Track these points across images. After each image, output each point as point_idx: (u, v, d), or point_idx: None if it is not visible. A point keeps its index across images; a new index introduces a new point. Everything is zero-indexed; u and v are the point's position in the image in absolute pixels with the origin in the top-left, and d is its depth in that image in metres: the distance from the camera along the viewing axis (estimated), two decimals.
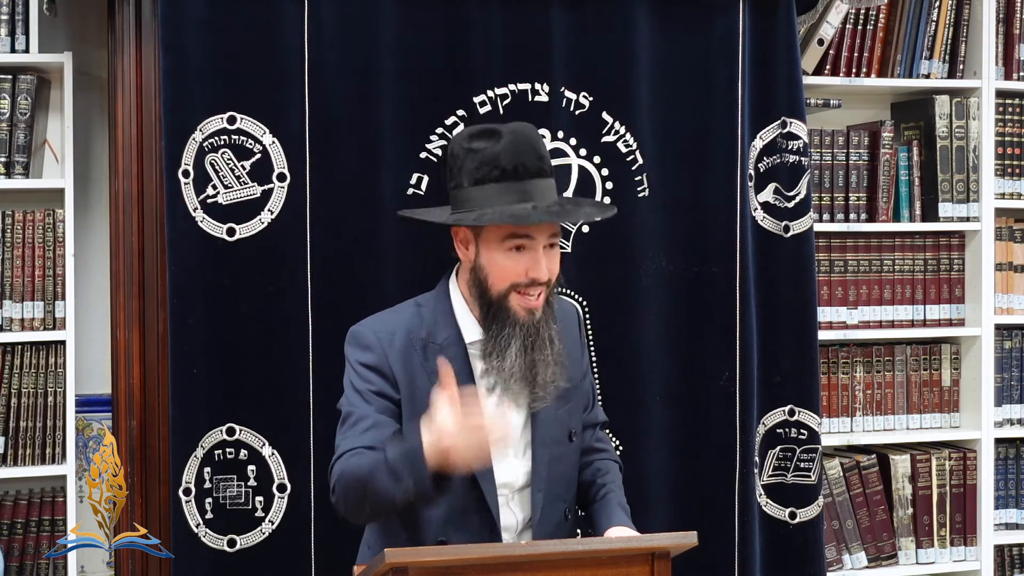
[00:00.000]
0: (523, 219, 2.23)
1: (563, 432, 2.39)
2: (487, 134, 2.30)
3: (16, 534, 3.20)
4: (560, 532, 2.38)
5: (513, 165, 2.26)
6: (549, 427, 2.35)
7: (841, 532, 3.58)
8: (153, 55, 2.89)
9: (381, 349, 2.30)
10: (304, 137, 2.88)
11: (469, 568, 2.04)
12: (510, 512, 2.34)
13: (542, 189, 2.28)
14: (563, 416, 2.39)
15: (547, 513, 2.34)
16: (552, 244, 2.31)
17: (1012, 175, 3.72)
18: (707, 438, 3.14)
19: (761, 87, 3.18)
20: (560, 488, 2.38)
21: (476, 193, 2.27)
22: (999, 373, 3.72)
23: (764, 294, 3.20)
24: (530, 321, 2.28)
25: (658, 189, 3.10)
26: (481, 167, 2.27)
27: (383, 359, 2.30)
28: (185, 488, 2.82)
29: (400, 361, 2.30)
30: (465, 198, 2.29)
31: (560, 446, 2.38)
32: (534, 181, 2.27)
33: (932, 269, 3.69)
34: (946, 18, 3.67)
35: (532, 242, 2.27)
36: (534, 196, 2.26)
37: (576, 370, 2.43)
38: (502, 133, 2.28)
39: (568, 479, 2.41)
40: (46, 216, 3.17)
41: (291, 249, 2.87)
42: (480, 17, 2.97)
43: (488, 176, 2.26)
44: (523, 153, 2.27)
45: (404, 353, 2.30)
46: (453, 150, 2.34)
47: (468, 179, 2.28)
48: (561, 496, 2.38)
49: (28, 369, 3.17)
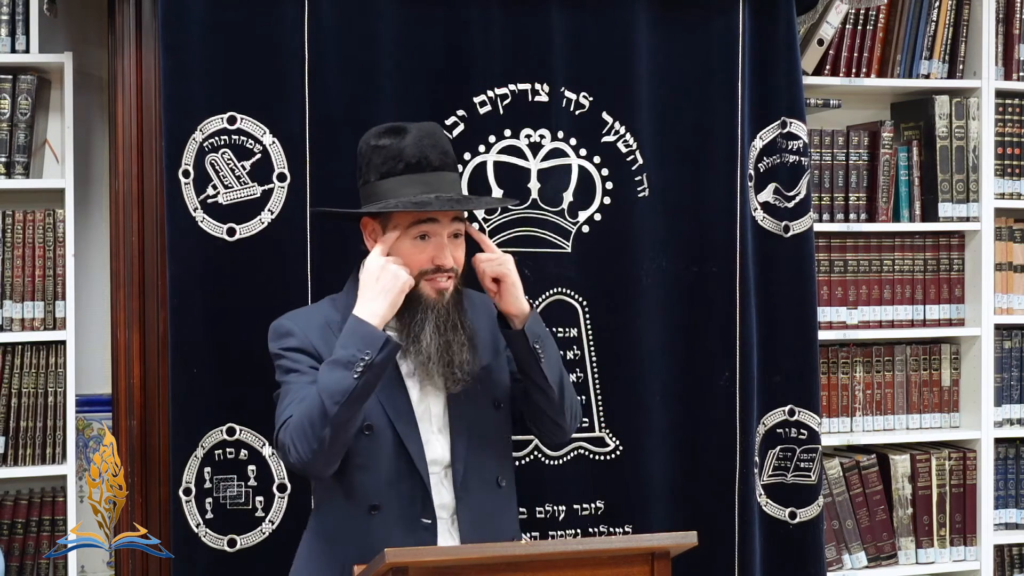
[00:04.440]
0: (425, 205, 2.34)
1: (486, 402, 2.46)
2: (393, 132, 2.43)
3: (16, 534, 3.20)
4: (493, 500, 2.44)
5: (417, 159, 2.38)
6: (467, 402, 2.43)
7: (841, 532, 3.58)
8: (153, 55, 2.89)
9: (301, 332, 2.41)
10: (304, 137, 2.88)
11: (469, 568, 2.04)
12: (444, 490, 2.40)
13: (446, 181, 2.41)
14: (487, 389, 2.46)
15: (472, 483, 2.40)
16: (457, 235, 2.42)
17: (1012, 175, 3.72)
18: (707, 438, 3.14)
19: (761, 87, 3.18)
20: (486, 457, 2.44)
21: (382, 186, 2.39)
22: (999, 373, 3.72)
23: (764, 294, 3.20)
24: (440, 303, 2.38)
25: (658, 189, 3.10)
26: (387, 161, 2.39)
27: (304, 339, 2.40)
28: (185, 488, 2.82)
29: (321, 339, 2.39)
30: (372, 192, 2.41)
31: (484, 417, 2.46)
32: (437, 173, 2.40)
33: (932, 269, 3.69)
34: (946, 18, 3.67)
35: (436, 228, 2.38)
36: (438, 187, 2.38)
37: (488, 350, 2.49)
38: (408, 130, 2.41)
39: (496, 446, 2.48)
40: (46, 216, 3.17)
41: (291, 249, 2.87)
42: (480, 17, 2.97)
43: (393, 169, 2.38)
44: (427, 147, 2.39)
45: (322, 332, 2.40)
46: (361, 149, 2.46)
47: (375, 174, 2.41)
48: (488, 465, 2.44)
49: (28, 369, 3.17)
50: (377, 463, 2.36)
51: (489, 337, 2.49)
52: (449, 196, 2.38)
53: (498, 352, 2.52)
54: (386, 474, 2.37)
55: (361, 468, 2.36)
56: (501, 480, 2.46)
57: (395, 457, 2.37)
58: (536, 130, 3.01)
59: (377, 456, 2.36)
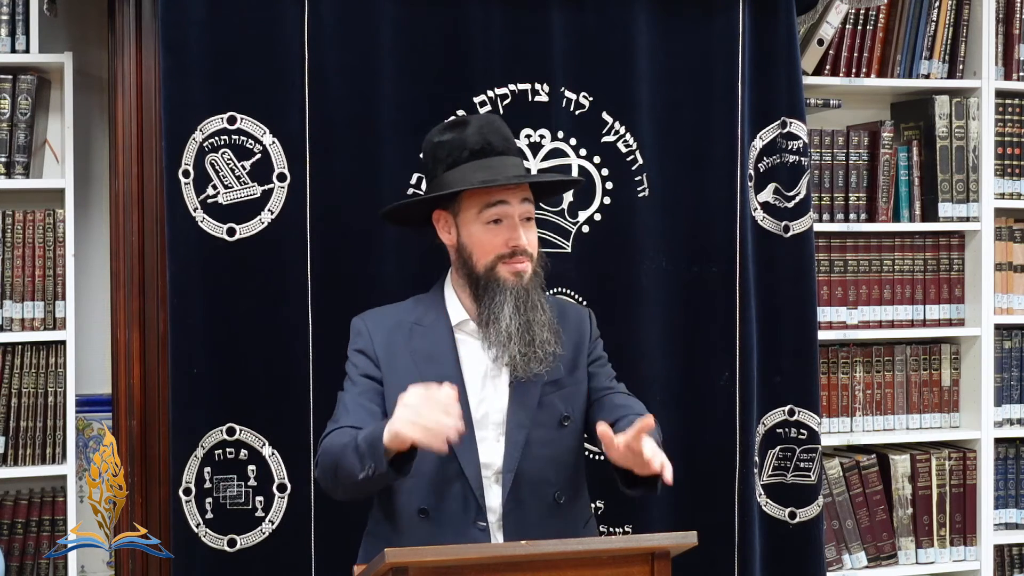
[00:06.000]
0: (490, 181, 2.36)
1: (553, 416, 2.43)
2: (454, 125, 2.46)
3: (16, 534, 3.20)
4: (550, 516, 2.40)
5: (480, 145, 2.40)
6: (531, 410, 2.40)
7: (841, 532, 3.58)
8: (153, 55, 2.89)
9: (367, 334, 2.45)
10: (304, 137, 2.88)
11: (469, 568, 2.04)
12: (493, 495, 2.38)
13: (510, 164, 2.42)
14: (555, 401, 2.44)
15: (526, 495, 2.38)
16: (528, 218, 2.42)
17: (1012, 175, 3.72)
18: (707, 438, 3.14)
19: (761, 87, 3.18)
20: (547, 472, 2.41)
21: (449, 176, 2.41)
22: (999, 373, 3.72)
23: (764, 294, 3.20)
24: (519, 284, 2.38)
25: (658, 189, 3.10)
26: (452, 152, 2.41)
27: (368, 342, 2.44)
28: (185, 488, 2.82)
29: (384, 343, 2.42)
30: (440, 184, 2.43)
31: (547, 430, 2.42)
32: (501, 158, 2.41)
33: (932, 269, 3.69)
34: (946, 18, 3.67)
35: (508, 210, 2.39)
36: (502, 170, 2.40)
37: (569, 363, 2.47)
38: (468, 121, 2.44)
39: (558, 464, 2.43)
40: (46, 216, 3.17)
41: (291, 249, 2.87)
42: (480, 17, 2.97)
43: (459, 159, 2.40)
44: (489, 134, 2.42)
45: (390, 335, 2.43)
46: (425, 148, 2.49)
47: (441, 167, 2.43)
48: (549, 480, 2.41)
49: (28, 369, 3.17)
50: (424, 469, 2.34)
51: (570, 355, 2.47)
52: (514, 174, 2.40)
53: (576, 367, 2.49)
54: (433, 479, 2.36)
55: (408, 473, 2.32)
56: (560, 496, 2.43)
57: (443, 462, 2.34)
58: (536, 130, 3.01)
59: (424, 462, 2.32)
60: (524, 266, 2.39)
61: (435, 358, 2.42)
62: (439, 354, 2.42)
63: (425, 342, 2.43)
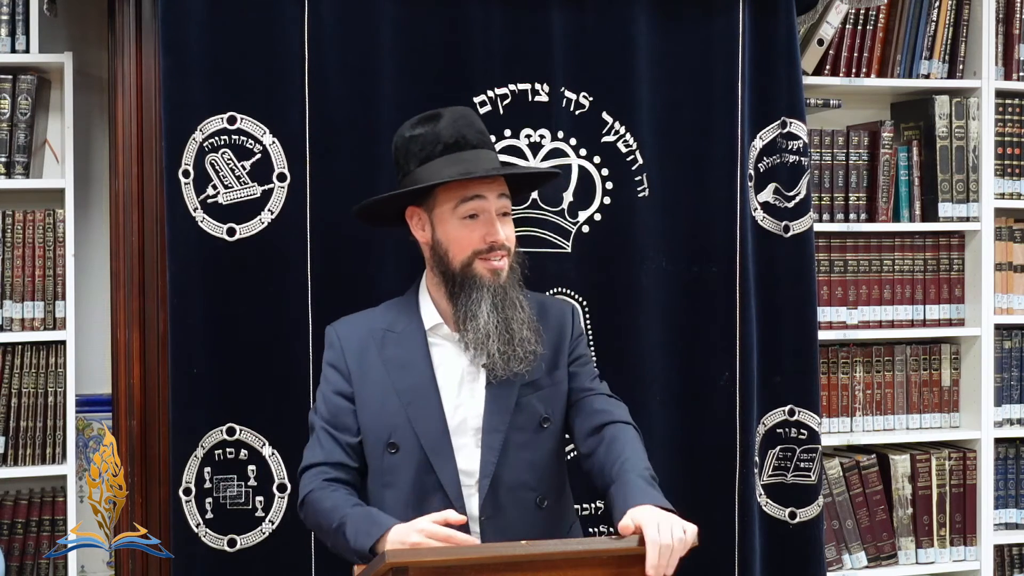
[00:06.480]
0: (468, 174, 2.31)
1: (531, 419, 2.39)
2: (426, 120, 2.40)
3: (16, 534, 3.20)
4: (532, 521, 2.37)
5: (454, 139, 2.35)
6: (508, 413, 2.36)
7: (841, 532, 3.58)
8: (153, 55, 2.89)
9: (339, 345, 2.42)
10: (304, 137, 2.88)
11: (469, 568, 2.04)
12: (474, 503, 2.35)
13: (484, 158, 2.37)
14: (533, 402, 2.39)
15: (505, 500, 2.34)
16: (505, 213, 2.38)
17: (1012, 175, 3.72)
18: (707, 438, 3.14)
19: (761, 87, 3.18)
20: (525, 476, 2.37)
21: (423, 172, 2.36)
22: (999, 373, 3.72)
23: (764, 294, 3.20)
24: (496, 283, 2.34)
25: (658, 189, 3.10)
26: (425, 147, 2.36)
27: (339, 355, 2.41)
28: (185, 488, 2.82)
29: (356, 353, 2.40)
30: (414, 180, 2.37)
31: (525, 432, 2.38)
32: (475, 151, 2.36)
33: (932, 269, 3.69)
34: (946, 18, 3.67)
35: (485, 205, 2.34)
36: (477, 164, 2.35)
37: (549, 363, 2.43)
38: (442, 115, 2.38)
39: (539, 467, 2.39)
40: (46, 216, 3.17)
41: (291, 249, 2.87)
42: (480, 17, 2.97)
43: (432, 153, 2.36)
44: (463, 127, 2.37)
45: (361, 344, 2.40)
46: (397, 143, 2.43)
47: (414, 162, 2.38)
48: (528, 484, 2.37)
49: (28, 369, 3.17)
50: (402, 481, 2.34)
51: (550, 354, 2.43)
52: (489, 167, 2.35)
53: (556, 367, 2.44)
54: (411, 491, 2.34)
55: (387, 486, 2.35)
56: (542, 501, 2.39)
57: (421, 474, 2.33)
58: (536, 130, 3.01)
59: (402, 474, 2.33)
60: (502, 263, 2.34)
61: (408, 366, 2.38)
62: (412, 361, 2.38)
63: (398, 349, 2.39)
